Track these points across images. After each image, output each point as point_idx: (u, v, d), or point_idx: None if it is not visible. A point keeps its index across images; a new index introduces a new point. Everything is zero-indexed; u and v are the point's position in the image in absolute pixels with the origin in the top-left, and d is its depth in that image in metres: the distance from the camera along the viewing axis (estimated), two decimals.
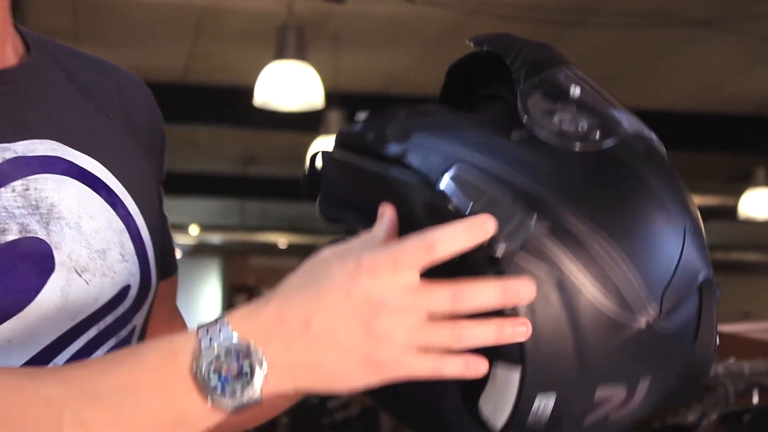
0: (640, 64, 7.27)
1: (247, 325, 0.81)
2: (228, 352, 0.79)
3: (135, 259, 0.99)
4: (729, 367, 2.48)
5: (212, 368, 0.79)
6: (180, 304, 1.23)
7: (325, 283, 0.81)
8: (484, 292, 0.80)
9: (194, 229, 13.72)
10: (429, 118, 0.94)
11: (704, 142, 8.42)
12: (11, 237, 0.91)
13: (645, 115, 0.99)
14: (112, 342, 0.98)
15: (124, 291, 0.98)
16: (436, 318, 0.80)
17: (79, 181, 0.97)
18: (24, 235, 0.91)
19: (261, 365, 0.80)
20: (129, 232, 0.99)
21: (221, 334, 0.80)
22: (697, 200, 0.94)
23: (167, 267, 1.13)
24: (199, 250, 16.12)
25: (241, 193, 11.74)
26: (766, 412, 2.27)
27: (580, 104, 0.92)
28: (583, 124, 0.90)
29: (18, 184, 0.93)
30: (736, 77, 7.48)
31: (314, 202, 0.99)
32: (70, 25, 6.55)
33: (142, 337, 1.04)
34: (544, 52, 0.96)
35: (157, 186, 1.11)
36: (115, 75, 1.13)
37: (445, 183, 0.83)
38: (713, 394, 2.57)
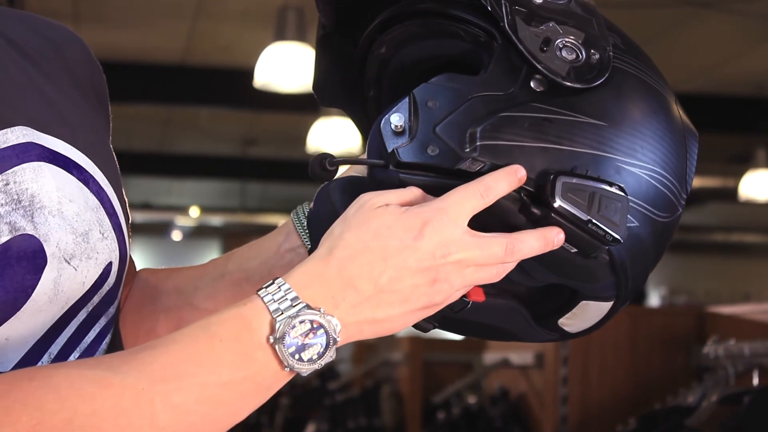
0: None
1: (314, 290, 0.84)
2: (302, 320, 0.83)
3: (112, 234, 0.97)
4: (729, 348, 2.48)
5: (289, 337, 0.83)
6: None
7: (388, 240, 0.85)
8: (530, 242, 0.88)
9: (195, 211, 13.69)
10: (465, 103, 0.91)
11: (704, 123, 8.39)
12: (3, 239, 0.87)
13: None
14: (102, 321, 0.97)
15: (107, 269, 0.96)
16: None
17: (53, 164, 0.93)
18: (14, 234, 0.88)
19: (335, 331, 0.83)
20: (104, 207, 0.97)
21: (289, 301, 0.83)
22: (698, 182, 0.96)
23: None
24: (199, 232, 16.11)
25: (241, 174, 11.72)
26: (767, 394, 2.27)
27: (550, 10, 0.94)
28: (578, 47, 0.93)
29: None
30: (737, 58, 7.46)
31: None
32: (69, 6, 6.54)
33: (118, 303, 1.01)
34: None
35: (109, 142, 1.08)
36: (49, 32, 1.06)
37: (558, 200, 0.88)
38: (713, 375, 2.58)
